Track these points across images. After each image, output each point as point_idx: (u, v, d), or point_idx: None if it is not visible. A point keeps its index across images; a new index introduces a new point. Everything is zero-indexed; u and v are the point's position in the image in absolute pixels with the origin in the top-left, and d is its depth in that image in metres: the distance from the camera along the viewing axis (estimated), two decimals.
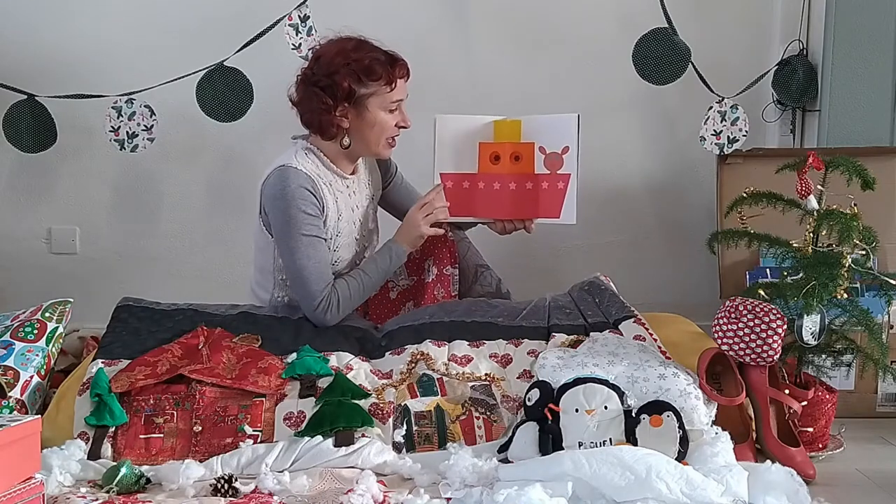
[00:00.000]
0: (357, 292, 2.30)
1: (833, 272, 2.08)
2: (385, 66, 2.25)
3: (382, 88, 2.26)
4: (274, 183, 2.24)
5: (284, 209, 2.22)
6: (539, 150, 2.36)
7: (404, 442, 1.97)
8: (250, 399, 2.03)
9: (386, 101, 2.28)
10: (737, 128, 2.81)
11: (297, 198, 2.22)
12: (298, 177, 2.23)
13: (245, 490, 1.77)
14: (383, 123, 2.29)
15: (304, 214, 2.22)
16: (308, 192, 2.23)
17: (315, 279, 2.24)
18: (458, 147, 2.40)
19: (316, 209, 2.25)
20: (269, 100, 2.87)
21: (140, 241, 3.15)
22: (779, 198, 2.23)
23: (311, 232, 2.24)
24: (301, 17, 2.75)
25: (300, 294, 2.27)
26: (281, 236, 2.26)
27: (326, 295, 2.24)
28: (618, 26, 2.97)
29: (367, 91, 2.25)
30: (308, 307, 2.26)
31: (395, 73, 2.26)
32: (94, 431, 1.97)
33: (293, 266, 2.25)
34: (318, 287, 2.24)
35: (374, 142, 2.32)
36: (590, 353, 2.07)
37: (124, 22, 3.01)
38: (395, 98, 2.28)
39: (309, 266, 2.24)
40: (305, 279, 2.24)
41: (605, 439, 1.83)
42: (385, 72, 2.25)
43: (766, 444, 2.01)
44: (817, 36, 2.89)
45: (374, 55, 2.26)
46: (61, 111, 2.88)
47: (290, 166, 2.24)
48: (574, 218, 2.35)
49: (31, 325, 2.25)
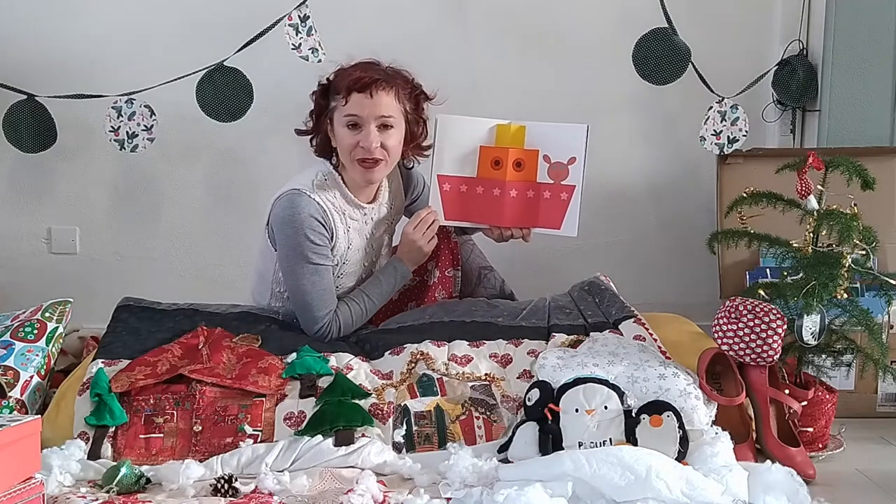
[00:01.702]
0: (359, 316, 2.30)
1: (833, 272, 2.08)
2: (348, 79, 2.19)
3: (339, 101, 2.21)
4: (285, 206, 2.21)
5: (292, 235, 2.20)
6: (543, 159, 2.34)
7: (404, 442, 1.97)
8: (250, 399, 2.03)
9: (341, 116, 2.21)
10: (737, 128, 2.81)
11: (305, 226, 2.19)
12: (310, 206, 2.20)
13: (245, 490, 1.77)
14: (341, 139, 2.23)
15: (310, 243, 2.20)
16: (317, 222, 2.21)
17: (317, 306, 2.24)
18: (459, 149, 2.37)
19: (324, 238, 2.23)
20: (269, 100, 2.88)
21: (140, 241, 3.15)
22: (779, 198, 2.23)
23: (317, 260, 2.22)
24: (301, 17, 2.75)
25: (301, 317, 2.27)
26: (286, 261, 2.25)
27: (328, 321, 2.24)
28: (618, 26, 2.96)
29: (332, 105, 2.24)
30: (308, 329, 2.26)
31: (350, 86, 2.18)
32: (94, 431, 1.97)
33: (297, 291, 2.24)
34: (320, 313, 2.24)
35: (345, 160, 2.25)
36: (590, 353, 2.07)
37: (124, 22, 3.01)
38: (347, 112, 2.19)
39: (313, 293, 2.23)
40: (308, 304, 2.24)
41: (605, 439, 1.83)
42: (345, 85, 2.19)
43: (766, 444, 2.01)
44: (817, 36, 2.89)
45: (351, 71, 2.20)
46: (61, 111, 2.88)
47: (303, 193, 2.21)
48: (575, 230, 2.33)
49: (31, 325, 2.25)
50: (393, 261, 2.36)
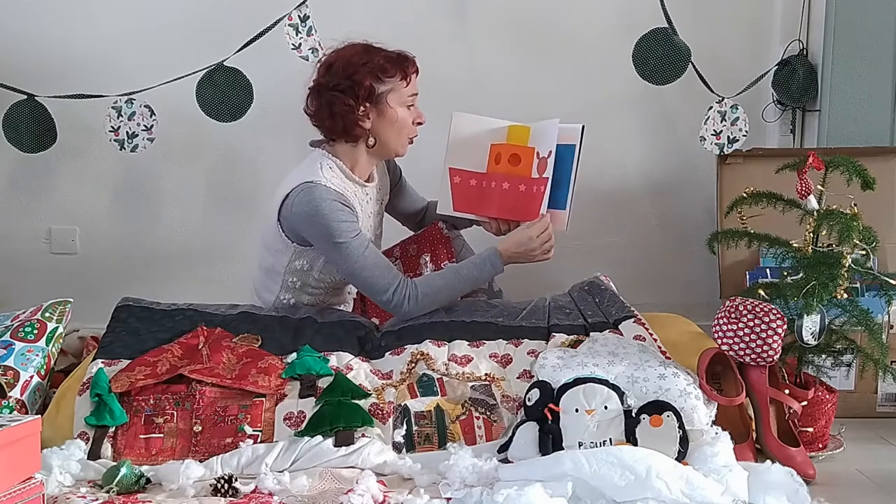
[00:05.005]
0: (441, 290, 2.27)
1: (833, 272, 2.08)
2: (397, 62, 2.29)
3: (399, 84, 2.29)
4: (304, 201, 2.22)
5: (324, 224, 2.21)
6: (536, 155, 2.37)
7: (404, 442, 1.97)
8: (250, 399, 2.03)
9: (403, 97, 2.31)
10: (737, 128, 2.80)
11: (332, 211, 2.21)
12: (329, 192, 2.23)
13: (245, 490, 1.77)
14: (403, 119, 2.32)
15: (344, 224, 2.22)
16: (340, 204, 2.23)
17: (379, 275, 2.24)
18: (470, 145, 2.43)
19: (351, 215, 2.25)
20: (269, 100, 2.88)
21: (140, 241, 3.15)
22: (779, 198, 2.23)
23: (356, 236, 2.24)
24: (301, 17, 2.75)
25: (372, 293, 2.27)
26: (330, 252, 2.25)
27: (398, 284, 2.24)
28: (618, 26, 2.96)
29: (385, 88, 2.28)
30: (384, 302, 2.26)
31: (408, 69, 2.30)
32: (94, 431, 1.97)
33: (353, 271, 2.25)
34: (385, 280, 2.24)
35: (395, 140, 2.33)
36: (590, 353, 2.07)
37: (124, 22, 3.01)
38: (411, 93, 2.32)
39: (369, 266, 2.23)
40: (371, 280, 2.24)
41: (605, 439, 1.83)
42: (399, 68, 2.29)
43: (766, 444, 2.01)
44: (817, 36, 2.89)
45: (385, 54, 2.30)
46: (61, 111, 2.88)
47: (318, 183, 2.23)
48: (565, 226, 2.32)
49: (31, 325, 2.25)
50: (492, 252, 2.32)
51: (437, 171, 2.46)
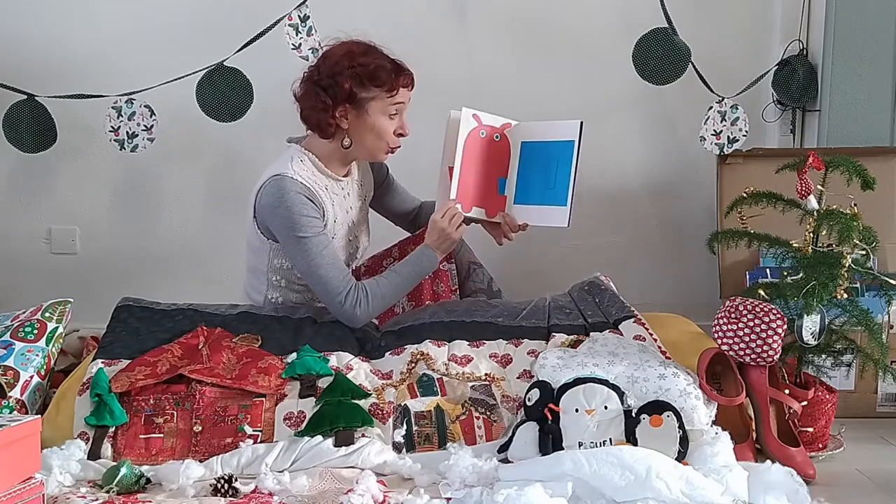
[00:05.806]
0: (388, 291, 2.28)
1: (833, 272, 2.08)
2: (390, 73, 2.26)
3: (383, 94, 2.27)
4: (271, 192, 2.24)
5: (286, 216, 2.22)
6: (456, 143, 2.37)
7: (404, 442, 1.97)
8: (250, 399, 2.03)
9: (386, 106, 2.28)
10: (737, 128, 2.80)
11: (296, 204, 2.22)
12: (295, 185, 2.24)
13: (245, 490, 1.77)
14: (382, 128, 2.30)
15: (306, 218, 2.22)
16: (306, 198, 2.24)
17: (334, 276, 2.24)
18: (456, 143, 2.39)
19: (317, 211, 2.26)
20: (269, 100, 2.88)
21: (140, 241, 3.15)
22: (779, 198, 2.23)
23: (318, 233, 2.24)
24: (301, 17, 2.75)
25: (322, 293, 2.26)
26: (290, 244, 2.25)
27: (351, 290, 2.24)
28: (618, 26, 2.97)
29: (368, 95, 2.26)
30: (335, 306, 2.25)
31: (398, 82, 2.27)
32: (94, 431, 1.97)
33: (308, 269, 2.24)
34: (338, 282, 2.24)
35: (373, 145, 2.32)
36: (590, 353, 2.07)
37: (124, 22, 3.01)
38: (395, 103, 2.29)
39: (324, 265, 2.23)
40: (325, 278, 2.24)
41: (605, 439, 1.83)
42: (389, 79, 2.26)
43: (766, 444, 2.01)
44: (817, 36, 2.89)
45: (380, 62, 2.27)
46: (61, 111, 2.88)
47: (285, 175, 2.25)
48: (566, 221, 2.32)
49: (31, 325, 2.25)
50: (421, 247, 2.36)
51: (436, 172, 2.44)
